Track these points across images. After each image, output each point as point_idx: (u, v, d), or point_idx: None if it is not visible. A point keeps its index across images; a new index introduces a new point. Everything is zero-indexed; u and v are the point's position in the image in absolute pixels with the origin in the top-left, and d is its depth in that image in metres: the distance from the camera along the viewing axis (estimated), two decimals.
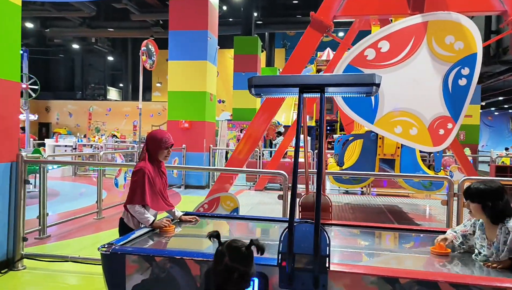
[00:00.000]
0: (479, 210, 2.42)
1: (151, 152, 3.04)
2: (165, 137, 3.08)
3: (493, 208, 2.36)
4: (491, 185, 2.42)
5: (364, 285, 2.11)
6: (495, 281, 2.01)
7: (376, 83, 2.48)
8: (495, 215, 2.38)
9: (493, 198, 2.37)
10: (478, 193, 2.42)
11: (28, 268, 4.31)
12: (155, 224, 2.89)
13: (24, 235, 4.35)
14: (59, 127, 26.61)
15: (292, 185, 2.32)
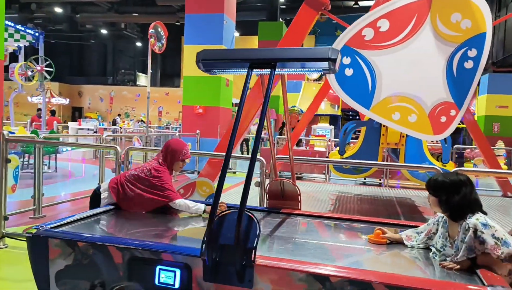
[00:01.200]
0: (436, 203, 2.21)
1: (167, 161, 3.05)
2: (184, 150, 3.11)
3: (447, 202, 2.14)
4: (450, 178, 2.19)
5: (292, 281, 1.88)
6: (433, 285, 1.73)
7: (331, 58, 2.20)
8: (452, 210, 2.15)
9: (448, 191, 2.15)
10: (434, 186, 2.21)
11: (10, 247, 4.34)
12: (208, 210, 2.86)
13: (5, 214, 4.37)
14: (90, 111, 27.40)
15: (220, 175, 2.09)
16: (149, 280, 2.05)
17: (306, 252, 2.28)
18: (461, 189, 2.14)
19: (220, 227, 1.99)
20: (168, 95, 26.28)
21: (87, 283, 2.16)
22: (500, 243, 1.95)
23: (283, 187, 3.09)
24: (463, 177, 2.21)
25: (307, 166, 10.44)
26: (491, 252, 1.94)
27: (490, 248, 1.95)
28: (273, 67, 2.28)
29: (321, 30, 28.06)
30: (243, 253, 1.92)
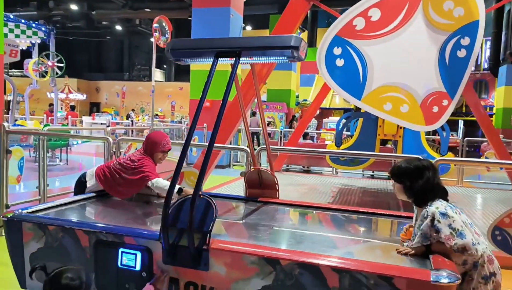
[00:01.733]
0: (401, 190, 2.20)
1: (147, 152, 3.09)
2: (164, 141, 3.13)
3: (411, 188, 2.13)
4: (413, 164, 2.17)
5: (244, 264, 1.92)
6: (379, 268, 1.74)
7: (293, 46, 2.23)
8: (416, 196, 2.14)
9: (411, 177, 2.13)
10: (398, 172, 2.19)
11: None
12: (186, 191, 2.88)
13: (7, 203, 4.55)
14: (107, 106, 27.91)
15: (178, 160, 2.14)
16: (113, 262, 2.13)
17: (268, 237, 2.32)
18: (423, 174, 2.13)
19: (178, 212, 2.05)
20: (182, 90, 26.51)
21: (58, 265, 2.26)
22: (455, 234, 1.93)
23: (261, 176, 3.13)
24: (426, 163, 2.20)
25: (315, 159, 10.40)
26: (445, 241, 1.93)
27: (445, 237, 1.93)
28: (238, 56, 2.33)
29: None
30: (198, 237, 1.97)
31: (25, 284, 2.38)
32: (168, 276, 2.06)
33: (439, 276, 1.67)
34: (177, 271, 2.05)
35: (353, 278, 1.75)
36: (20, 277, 2.37)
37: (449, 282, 1.66)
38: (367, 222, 2.85)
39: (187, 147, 2.18)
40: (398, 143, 5.63)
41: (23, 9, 21.05)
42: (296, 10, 5.07)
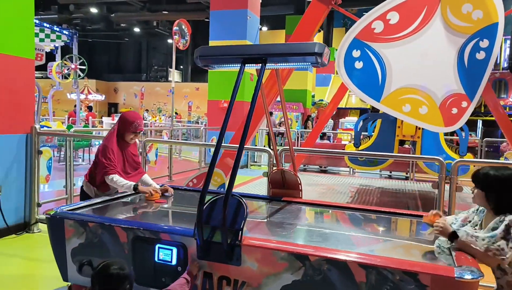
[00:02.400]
0: (482, 197, 2.11)
1: (120, 131, 3.11)
2: (136, 122, 3.10)
3: (498, 199, 2.05)
4: (503, 173, 2.08)
5: (275, 260, 2.04)
6: (405, 265, 1.85)
7: (317, 52, 2.34)
8: (499, 207, 2.06)
9: (499, 188, 2.05)
10: (484, 180, 2.11)
11: (42, 231, 4.74)
12: (140, 189, 2.97)
13: (38, 201, 4.77)
14: (125, 107, 28.37)
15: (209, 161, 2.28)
16: (150, 257, 2.27)
17: (295, 235, 2.44)
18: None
19: (212, 210, 2.18)
20: (198, 90, 26.80)
21: (98, 259, 2.41)
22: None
23: (284, 176, 3.24)
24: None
25: (332, 159, 10.47)
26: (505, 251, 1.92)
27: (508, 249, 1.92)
28: (263, 62, 2.45)
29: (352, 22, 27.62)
30: (231, 234, 2.10)
31: (67, 277, 2.55)
32: (202, 271, 2.19)
33: (462, 273, 1.76)
34: (211, 266, 2.18)
35: (379, 274, 1.86)
36: (62, 271, 2.54)
37: (473, 278, 1.75)
38: (388, 222, 2.94)
39: (218, 148, 2.31)
40: (416, 143, 5.67)
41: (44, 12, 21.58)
42: (316, 14, 5.17)
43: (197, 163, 10.87)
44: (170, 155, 8.56)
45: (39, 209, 4.80)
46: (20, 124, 4.55)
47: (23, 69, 4.50)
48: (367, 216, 2.99)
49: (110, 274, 1.83)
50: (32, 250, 4.29)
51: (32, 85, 4.71)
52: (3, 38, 4.24)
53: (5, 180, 4.42)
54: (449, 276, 1.77)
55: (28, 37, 4.57)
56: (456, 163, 3.42)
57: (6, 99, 4.33)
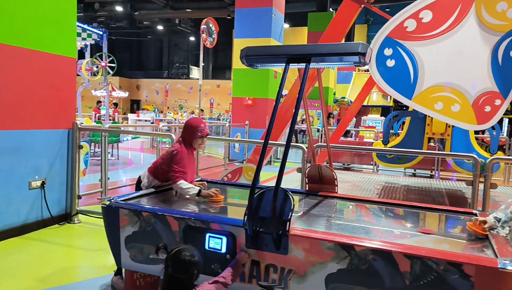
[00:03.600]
0: None
1: (186, 139, 3.20)
2: (201, 127, 3.20)
3: None
4: None
5: (321, 249, 2.16)
6: (449, 256, 1.93)
7: (361, 52, 2.43)
8: None
9: None
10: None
11: (82, 222, 4.97)
12: (203, 193, 3.07)
13: (79, 193, 5.01)
14: (147, 104, 28.86)
15: (259, 159, 2.40)
16: (201, 245, 2.42)
17: (337, 227, 2.55)
18: None
19: (260, 202, 2.31)
20: (219, 87, 27.03)
21: (150, 247, 2.58)
22: None
23: (321, 171, 3.35)
24: None
25: (355, 157, 10.50)
26: None
27: None
28: (308, 62, 2.55)
29: (374, 19, 27.39)
30: (279, 224, 2.22)
31: (120, 263, 2.72)
32: (251, 259, 2.33)
33: (505, 264, 1.84)
34: (259, 254, 2.31)
35: (424, 264, 1.95)
36: (116, 257, 2.72)
37: None
38: (424, 216, 3.02)
39: (266, 146, 2.43)
40: (446, 141, 5.68)
41: None
42: (348, 12, 5.24)
43: (220, 159, 11.05)
44: (197, 152, 8.74)
45: (79, 201, 5.03)
46: (63, 120, 4.78)
47: (67, 67, 4.73)
48: (404, 211, 3.07)
49: (183, 260, 1.99)
50: (74, 239, 4.52)
51: (74, 82, 4.93)
52: (49, 38, 4.47)
53: (49, 173, 4.65)
54: (493, 267, 1.85)
55: (71, 36, 4.79)
56: (491, 161, 3.46)
57: (52, 96, 4.57)
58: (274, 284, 2.27)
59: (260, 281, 2.31)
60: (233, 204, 3.16)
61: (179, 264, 2.00)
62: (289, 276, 2.25)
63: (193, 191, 3.04)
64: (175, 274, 2.01)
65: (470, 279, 1.87)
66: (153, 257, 2.57)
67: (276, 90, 11.52)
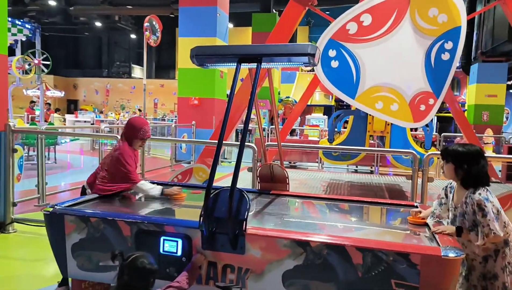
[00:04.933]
0: (452, 171, 2.39)
1: (127, 138, 3.08)
2: (144, 129, 3.09)
3: (467, 171, 2.33)
4: (469, 148, 2.37)
5: (278, 247, 2.19)
6: (398, 247, 2.06)
7: (310, 53, 2.49)
8: (468, 179, 2.34)
9: (468, 161, 2.33)
10: (454, 154, 2.39)
11: (18, 231, 4.63)
12: (166, 192, 2.99)
13: (13, 200, 4.66)
14: (86, 104, 27.51)
15: (214, 160, 2.39)
16: (155, 249, 2.35)
17: (291, 224, 2.60)
18: (480, 160, 2.34)
19: (215, 203, 2.30)
20: (163, 87, 26.43)
21: (100, 254, 2.47)
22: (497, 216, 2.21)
23: (272, 170, 3.40)
24: (480, 149, 2.40)
25: (301, 155, 10.76)
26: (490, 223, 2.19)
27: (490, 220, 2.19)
28: (259, 62, 2.58)
29: (315, 21, 28.22)
30: (236, 224, 2.23)
31: (66, 273, 2.57)
32: (207, 260, 2.31)
33: (447, 252, 1.99)
34: (215, 255, 2.30)
35: (374, 256, 2.05)
36: (62, 266, 2.57)
37: (456, 256, 1.98)
38: (368, 210, 3.17)
39: (220, 147, 2.42)
40: (386, 139, 6.01)
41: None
42: (293, 14, 5.36)
43: (167, 160, 10.82)
44: (142, 153, 8.48)
45: (14, 208, 4.68)
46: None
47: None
48: (351, 206, 3.20)
49: (140, 267, 1.92)
50: (10, 250, 4.21)
51: (5, 81, 4.59)
52: None
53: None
54: (437, 255, 1.99)
55: (1, 32, 4.44)
56: (428, 156, 3.72)
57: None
58: (232, 285, 2.27)
59: (217, 282, 2.30)
60: (187, 205, 3.11)
61: (136, 272, 1.94)
62: (246, 276, 2.26)
63: (157, 190, 2.99)
64: (131, 282, 1.94)
65: (417, 267, 2.00)
66: (103, 264, 2.47)
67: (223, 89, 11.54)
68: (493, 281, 2.30)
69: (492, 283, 2.30)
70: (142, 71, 30.94)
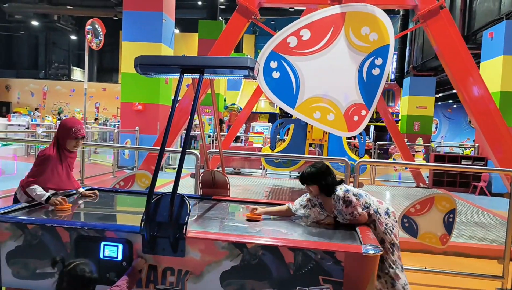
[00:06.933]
0: (317, 189, 2.79)
1: (60, 140, 3.04)
2: (76, 127, 3.04)
3: (326, 184, 2.75)
4: (319, 167, 2.80)
5: (216, 249, 2.32)
6: (325, 246, 2.27)
7: (249, 66, 2.66)
8: (328, 189, 2.76)
9: (325, 177, 2.75)
10: (313, 177, 2.77)
11: None
12: (51, 201, 2.88)
13: None
14: (20, 106, 25.89)
15: (156, 166, 2.48)
16: (95, 254, 2.38)
17: (230, 228, 2.74)
18: (330, 172, 2.80)
19: (157, 208, 2.38)
20: (105, 91, 25.57)
21: (37, 261, 2.45)
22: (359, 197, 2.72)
23: (214, 177, 3.52)
24: (324, 164, 2.86)
25: (245, 161, 10.96)
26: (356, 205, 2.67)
27: (356, 203, 2.68)
28: (201, 73, 2.71)
29: (261, 30, 28.81)
30: (176, 228, 2.32)
31: (0, 281, 2.51)
32: (147, 264, 2.38)
33: (368, 249, 2.23)
34: (156, 259, 2.37)
35: (304, 255, 2.25)
36: None
37: (375, 253, 2.23)
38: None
39: (162, 153, 2.51)
40: (324, 146, 6.36)
41: None
42: (237, 26, 5.54)
43: (109, 166, 10.55)
44: (82, 159, 8.23)
45: None
46: None
47: None
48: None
49: (80, 276, 1.96)
50: None
51: None
52: None
53: None
54: (358, 253, 2.22)
55: None
56: (358, 163, 4.03)
57: None
58: (172, 287, 2.36)
59: (157, 285, 2.38)
60: (128, 211, 3.14)
61: (75, 279, 1.97)
62: (186, 277, 2.36)
63: (43, 197, 2.88)
64: (70, 289, 1.97)
65: (341, 264, 2.22)
66: (40, 271, 2.45)
67: (168, 95, 11.47)
68: (382, 244, 2.69)
69: (382, 246, 2.65)
70: (82, 74, 29.79)
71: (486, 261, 4.46)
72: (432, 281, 3.95)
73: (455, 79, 5.55)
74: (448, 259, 4.52)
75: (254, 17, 5.61)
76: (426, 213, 3.70)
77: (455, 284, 3.94)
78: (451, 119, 28.33)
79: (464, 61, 5.48)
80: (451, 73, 5.58)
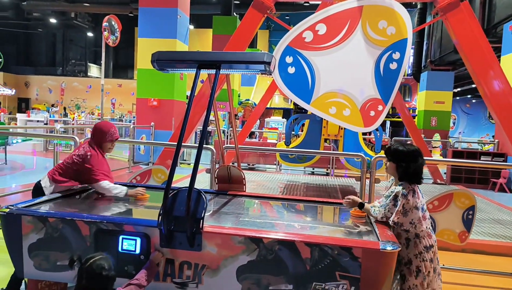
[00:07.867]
0: (393, 168, 2.65)
1: (96, 143, 3.15)
2: (111, 131, 3.19)
3: (405, 168, 2.57)
4: (408, 148, 2.62)
5: (233, 244, 2.33)
6: (341, 241, 2.26)
7: (266, 61, 2.65)
8: (404, 175, 2.59)
9: (407, 159, 2.57)
10: (394, 153, 2.64)
11: None
12: (130, 192, 3.07)
13: None
14: (38, 103, 26.41)
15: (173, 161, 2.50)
16: (114, 248, 2.42)
17: (246, 223, 2.75)
18: (418, 159, 2.59)
19: (174, 202, 2.40)
20: (121, 87, 25.86)
21: (58, 253, 2.50)
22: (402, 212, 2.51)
23: (230, 172, 3.53)
24: (418, 149, 2.65)
25: (259, 157, 10.97)
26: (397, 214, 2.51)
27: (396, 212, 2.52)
28: (218, 68, 2.71)
29: (275, 25, 28.68)
30: (193, 222, 2.34)
31: (22, 273, 2.58)
32: (165, 258, 2.40)
33: (385, 245, 2.21)
34: (173, 253, 2.40)
35: (321, 250, 2.24)
36: (18, 267, 2.57)
37: (393, 249, 2.21)
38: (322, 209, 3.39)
39: (179, 148, 2.52)
40: (339, 142, 6.32)
41: None
42: (252, 21, 5.53)
43: (125, 161, 10.68)
44: None
45: None
46: None
47: None
48: (304, 205, 3.40)
49: (98, 273, 1.99)
50: None
51: None
52: None
53: None
54: (376, 249, 2.20)
55: None
56: (375, 159, 3.99)
57: None
58: (188, 280, 2.38)
59: (174, 278, 2.40)
60: (145, 206, 3.18)
61: (94, 276, 2.00)
62: (202, 271, 2.37)
63: (121, 190, 3.07)
64: (90, 285, 2.01)
65: (358, 260, 2.21)
66: (61, 263, 2.50)
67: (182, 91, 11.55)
68: (409, 266, 2.57)
69: (408, 267, 2.57)
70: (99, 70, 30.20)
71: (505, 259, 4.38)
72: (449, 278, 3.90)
73: (475, 73, 5.43)
74: (465, 256, 4.46)
75: (269, 11, 5.59)
76: (445, 210, 3.64)
77: (473, 281, 3.88)
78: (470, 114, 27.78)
79: (484, 55, 5.36)
80: (472, 67, 5.46)
